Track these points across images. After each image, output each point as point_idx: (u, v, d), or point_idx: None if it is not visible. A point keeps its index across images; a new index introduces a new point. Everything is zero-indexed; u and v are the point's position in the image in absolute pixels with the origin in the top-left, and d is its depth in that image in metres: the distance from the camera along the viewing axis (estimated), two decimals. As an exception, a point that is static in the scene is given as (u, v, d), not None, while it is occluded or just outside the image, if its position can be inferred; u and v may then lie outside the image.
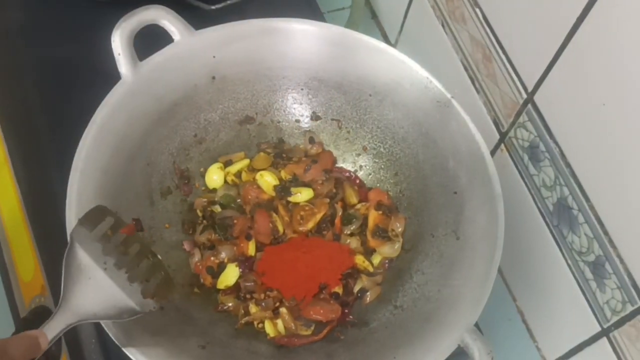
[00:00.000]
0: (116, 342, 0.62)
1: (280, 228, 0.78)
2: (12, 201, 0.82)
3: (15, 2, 0.93)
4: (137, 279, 0.61)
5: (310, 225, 0.78)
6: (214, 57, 0.77)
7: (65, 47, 0.87)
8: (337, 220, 0.78)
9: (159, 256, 0.66)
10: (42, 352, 0.55)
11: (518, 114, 0.81)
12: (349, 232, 0.78)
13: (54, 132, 0.82)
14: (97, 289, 0.58)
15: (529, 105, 0.79)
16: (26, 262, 0.80)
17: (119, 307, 0.59)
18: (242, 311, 0.74)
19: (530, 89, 0.78)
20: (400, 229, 0.78)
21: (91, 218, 0.62)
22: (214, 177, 0.80)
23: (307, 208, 0.78)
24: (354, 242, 0.78)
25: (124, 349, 0.62)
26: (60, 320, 0.56)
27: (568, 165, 0.75)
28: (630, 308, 0.72)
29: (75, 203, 0.66)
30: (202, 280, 0.75)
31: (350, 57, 0.79)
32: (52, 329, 0.56)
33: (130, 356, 0.62)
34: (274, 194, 0.80)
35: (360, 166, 0.83)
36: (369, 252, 0.78)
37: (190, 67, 0.77)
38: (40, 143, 0.83)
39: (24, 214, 0.81)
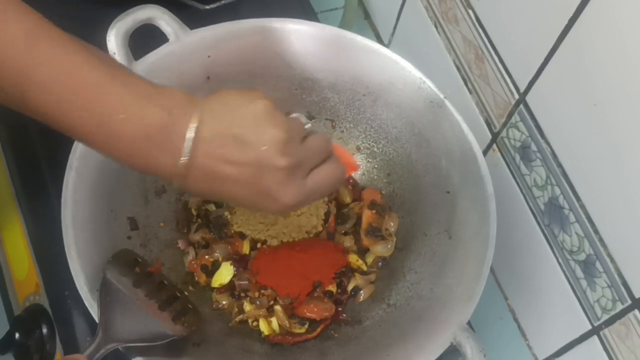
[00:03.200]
0: (112, 341, 0.62)
1: (274, 226, 0.78)
2: (7, 199, 0.82)
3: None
4: (167, 308, 0.65)
5: (304, 224, 0.78)
6: (208, 56, 0.78)
7: (60, 46, 0.87)
8: (331, 220, 0.79)
9: (185, 293, 0.70)
10: None
11: (510, 114, 0.82)
12: (342, 231, 0.79)
13: (48, 130, 0.82)
14: (131, 317, 0.63)
15: (521, 106, 0.79)
16: (20, 260, 0.81)
17: (152, 332, 0.63)
18: (236, 309, 0.74)
19: (522, 90, 0.78)
20: (393, 228, 0.79)
21: (120, 258, 0.67)
22: (208, 176, 0.80)
23: (301, 207, 0.79)
24: (347, 241, 0.78)
25: (118, 347, 0.62)
26: (100, 345, 0.60)
27: (559, 165, 0.76)
28: (620, 306, 0.73)
29: (71, 201, 0.67)
30: (196, 278, 0.76)
31: (344, 58, 0.79)
32: (94, 354, 0.60)
33: (126, 354, 0.62)
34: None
35: (354, 165, 0.84)
36: (362, 251, 0.79)
37: (184, 66, 0.77)
38: (35, 141, 0.83)
39: (19, 212, 0.81)
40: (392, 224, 0.79)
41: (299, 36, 0.79)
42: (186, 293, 0.70)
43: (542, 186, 0.80)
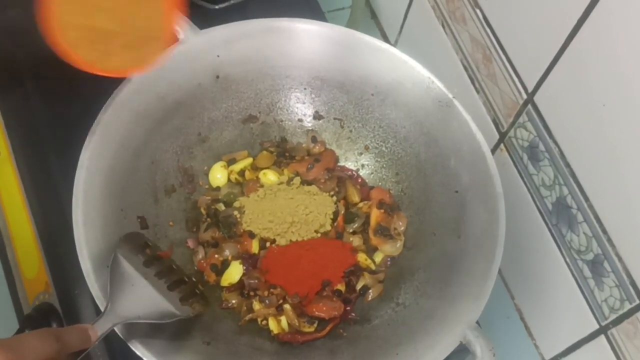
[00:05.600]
0: (122, 337, 0.62)
1: (283, 226, 0.78)
2: (16, 198, 0.83)
3: (19, 1, 0.93)
4: (176, 288, 0.66)
5: (314, 223, 0.78)
6: (218, 56, 0.78)
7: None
8: (340, 219, 0.79)
9: (193, 278, 0.71)
10: (92, 344, 0.59)
11: (518, 114, 0.82)
12: (351, 231, 0.79)
13: (59, 130, 0.83)
14: (139, 294, 0.64)
15: (529, 106, 0.79)
16: (30, 259, 0.81)
17: (160, 310, 0.64)
18: (245, 308, 0.74)
19: (530, 90, 0.79)
20: (402, 228, 0.79)
21: (131, 238, 0.68)
22: (218, 175, 0.81)
23: (309, 206, 0.79)
24: (356, 240, 0.78)
25: (129, 345, 0.63)
26: (107, 319, 0.61)
27: (567, 165, 0.76)
28: (628, 306, 0.73)
29: (82, 201, 0.67)
30: (205, 277, 0.76)
31: (353, 57, 0.79)
32: (101, 326, 0.60)
33: (136, 351, 0.63)
34: (276, 192, 0.80)
35: (363, 165, 0.84)
36: (371, 250, 0.79)
37: (194, 66, 0.77)
38: (45, 141, 0.83)
39: (28, 211, 0.81)
40: (400, 223, 0.79)
41: (307, 36, 0.79)
42: (194, 279, 0.71)
43: (550, 186, 0.80)
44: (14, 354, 0.52)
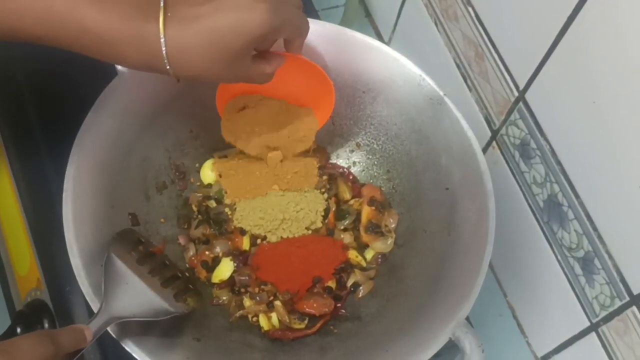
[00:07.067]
0: (113, 335, 0.63)
1: (275, 223, 0.78)
2: (8, 194, 0.83)
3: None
4: (170, 285, 0.66)
5: (304, 220, 0.78)
6: (209, 53, 0.78)
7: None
8: (331, 216, 0.79)
9: (186, 273, 0.71)
10: (87, 344, 0.59)
11: (509, 112, 0.82)
12: (342, 228, 0.79)
13: (50, 126, 0.83)
14: (133, 292, 0.64)
15: (521, 103, 0.80)
16: (22, 256, 0.81)
17: (154, 308, 0.64)
18: (234, 304, 0.74)
19: (521, 87, 0.79)
20: (393, 225, 0.79)
21: (124, 236, 0.69)
22: (209, 172, 0.81)
23: (301, 203, 0.79)
24: (347, 237, 0.78)
25: (121, 343, 0.63)
26: (102, 317, 0.61)
27: (558, 162, 0.76)
28: (618, 303, 0.73)
29: (72, 197, 0.67)
30: (196, 274, 0.76)
31: (345, 55, 0.79)
32: (96, 325, 0.61)
33: (127, 349, 0.63)
34: (268, 189, 0.80)
35: (354, 162, 0.84)
36: (362, 247, 0.79)
37: (186, 63, 0.77)
38: (37, 137, 0.83)
39: (20, 207, 0.81)
40: (391, 220, 0.79)
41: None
42: (187, 274, 0.71)
43: (541, 183, 0.80)
44: (9, 358, 0.52)
